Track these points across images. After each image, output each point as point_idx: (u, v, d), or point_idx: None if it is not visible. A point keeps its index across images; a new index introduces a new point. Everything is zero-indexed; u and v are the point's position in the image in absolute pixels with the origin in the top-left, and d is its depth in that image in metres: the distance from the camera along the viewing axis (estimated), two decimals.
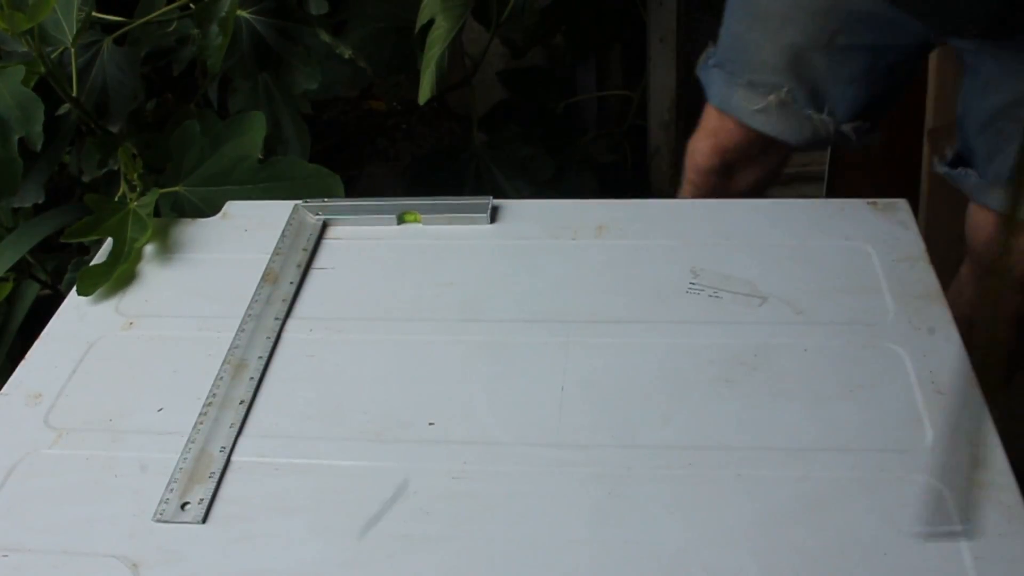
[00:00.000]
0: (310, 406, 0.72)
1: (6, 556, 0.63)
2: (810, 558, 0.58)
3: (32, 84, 0.97)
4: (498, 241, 0.87)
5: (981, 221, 1.04)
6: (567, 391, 0.71)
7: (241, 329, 0.79)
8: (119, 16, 1.11)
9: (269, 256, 0.86)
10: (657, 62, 1.70)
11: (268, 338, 0.78)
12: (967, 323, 0.71)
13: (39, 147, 0.97)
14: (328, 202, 0.93)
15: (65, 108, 1.06)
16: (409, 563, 0.60)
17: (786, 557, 0.58)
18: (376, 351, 0.77)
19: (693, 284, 0.80)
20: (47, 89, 1.01)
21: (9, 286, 1.12)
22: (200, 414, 0.72)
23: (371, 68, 1.28)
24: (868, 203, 0.86)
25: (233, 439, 0.70)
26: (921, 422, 0.66)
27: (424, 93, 1.22)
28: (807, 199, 0.91)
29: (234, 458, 0.68)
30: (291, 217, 0.91)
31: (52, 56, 1.01)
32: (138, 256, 0.89)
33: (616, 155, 1.82)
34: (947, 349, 0.71)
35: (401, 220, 0.90)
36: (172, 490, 0.66)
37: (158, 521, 0.64)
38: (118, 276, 0.86)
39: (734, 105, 1.07)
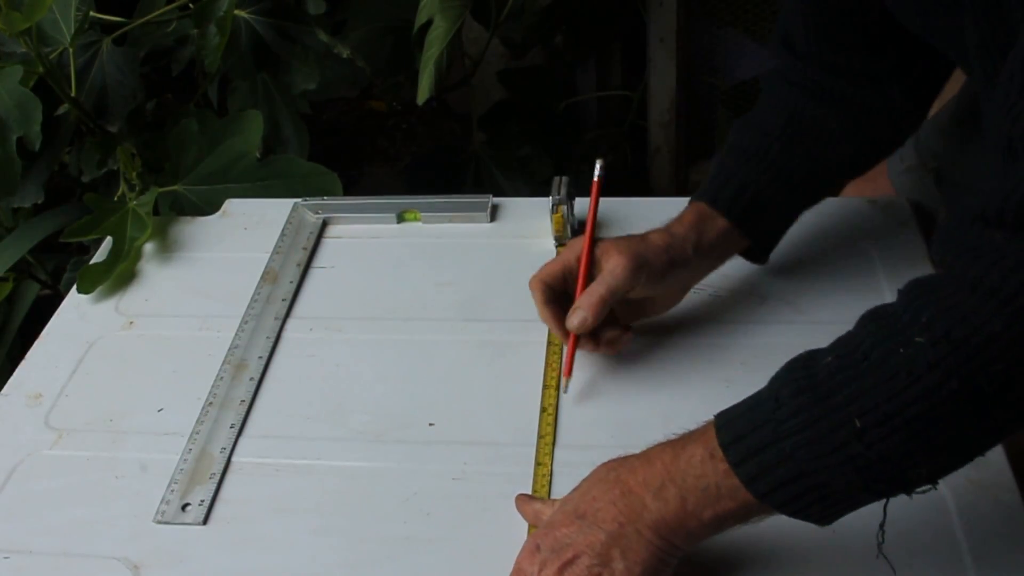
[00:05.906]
0: (310, 406, 0.72)
1: (7, 558, 0.63)
2: (810, 558, 0.58)
3: (31, 84, 0.97)
4: (498, 240, 0.87)
5: None
6: (567, 391, 0.70)
7: (241, 329, 0.79)
8: (118, 16, 1.11)
9: (269, 255, 0.86)
10: (657, 62, 1.70)
11: (268, 338, 0.78)
12: None
13: (37, 147, 0.97)
14: (328, 200, 0.92)
15: (64, 108, 1.06)
16: (410, 563, 0.60)
17: (786, 557, 0.58)
18: (376, 351, 0.77)
19: None
20: (46, 89, 1.01)
21: (9, 286, 1.12)
22: (200, 414, 0.71)
23: (370, 68, 1.28)
24: (868, 203, 0.86)
25: (233, 440, 0.69)
26: None
27: (422, 94, 1.22)
28: None
29: (234, 459, 0.68)
30: (291, 215, 0.91)
31: (51, 56, 1.01)
32: (138, 255, 0.89)
33: (616, 155, 1.81)
34: None
35: (401, 219, 0.90)
36: (173, 491, 0.66)
37: (159, 522, 0.64)
38: (118, 275, 0.86)
39: None
